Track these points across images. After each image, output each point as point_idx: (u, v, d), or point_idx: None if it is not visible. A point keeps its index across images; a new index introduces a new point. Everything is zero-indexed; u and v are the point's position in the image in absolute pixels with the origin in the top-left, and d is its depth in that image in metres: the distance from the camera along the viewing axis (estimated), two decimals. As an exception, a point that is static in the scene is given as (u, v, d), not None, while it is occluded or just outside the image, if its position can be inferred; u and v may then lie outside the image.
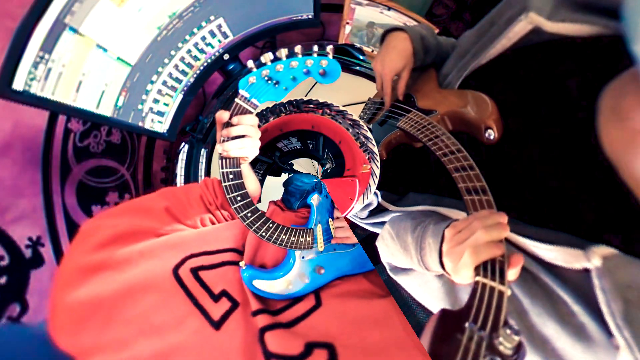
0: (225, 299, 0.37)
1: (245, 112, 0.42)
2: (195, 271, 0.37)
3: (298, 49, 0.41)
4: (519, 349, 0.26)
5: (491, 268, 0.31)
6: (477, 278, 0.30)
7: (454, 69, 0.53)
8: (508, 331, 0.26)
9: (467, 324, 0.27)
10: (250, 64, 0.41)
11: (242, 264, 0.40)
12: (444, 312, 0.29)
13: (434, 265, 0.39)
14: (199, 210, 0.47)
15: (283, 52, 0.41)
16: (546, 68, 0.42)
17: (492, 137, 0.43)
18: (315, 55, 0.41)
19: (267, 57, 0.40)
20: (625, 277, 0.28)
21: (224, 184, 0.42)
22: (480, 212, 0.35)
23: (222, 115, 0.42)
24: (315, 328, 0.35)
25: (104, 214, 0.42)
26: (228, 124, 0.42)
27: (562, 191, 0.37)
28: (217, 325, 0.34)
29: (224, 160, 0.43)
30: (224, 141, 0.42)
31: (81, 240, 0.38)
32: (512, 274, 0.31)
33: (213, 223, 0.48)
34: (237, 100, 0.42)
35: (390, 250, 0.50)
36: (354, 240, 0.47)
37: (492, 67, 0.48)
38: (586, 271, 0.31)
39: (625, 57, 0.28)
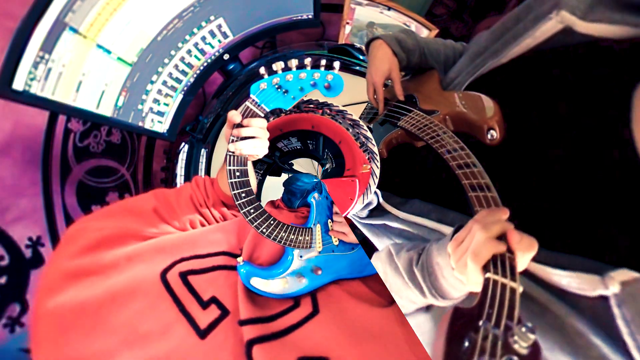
0: (215, 307, 0.35)
1: (254, 115, 0.44)
2: (184, 275, 0.36)
3: (307, 61, 0.43)
4: (535, 349, 0.24)
5: (501, 264, 0.29)
6: (487, 275, 0.29)
7: (468, 68, 0.51)
8: (523, 329, 0.24)
9: (480, 322, 0.25)
10: (262, 70, 0.43)
11: (239, 259, 0.40)
12: (456, 310, 0.28)
13: (450, 285, 0.36)
14: (187, 211, 0.46)
15: (293, 63, 0.43)
16: (574, 72, 0.38)
17: (494, 138, 0.43)
18: (322, 69, 0.43)
19: (278, 65, 0.42)
20: None
21: (229, 181, 0.43)
22: (480, 212, 0.34)
23: (235, 117, 0.43)
24: (310, 338, 0.34)
25: (91, 216, 0.40)
26: (239, 125, 0.43)
27: (576, 203, 0.34)
28: (203, 334, 0.32)
29: (231, 158, 0.44)
30: (234, 140, 0.43)
31: (66, 244, 0.36)
32: (522, 263, 0.30)
33: (203, 225, 0.47)
34: (247, 103, 0.43)
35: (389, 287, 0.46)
36: (353, 237, 0.46)
37: (512, 67, 0.45)
38: (604, 299, 0.28)
39: None
